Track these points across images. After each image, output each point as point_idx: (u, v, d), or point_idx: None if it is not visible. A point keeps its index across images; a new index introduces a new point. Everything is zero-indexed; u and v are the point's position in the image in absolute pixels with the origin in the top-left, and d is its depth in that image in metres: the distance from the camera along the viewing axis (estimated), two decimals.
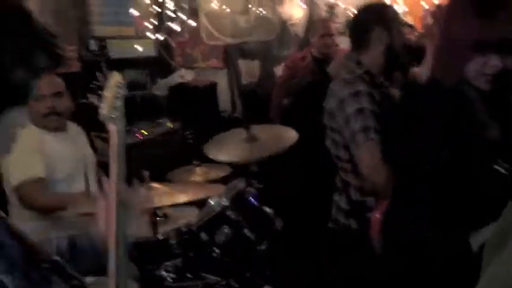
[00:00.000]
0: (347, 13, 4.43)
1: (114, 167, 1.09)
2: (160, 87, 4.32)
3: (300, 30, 4.47)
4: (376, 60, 1.92)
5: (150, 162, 2.61)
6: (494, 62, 1.24)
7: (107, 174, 2.76)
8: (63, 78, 2.36)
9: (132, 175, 1.83)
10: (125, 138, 1.13)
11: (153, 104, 4.29)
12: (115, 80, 1.16)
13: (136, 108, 4.00)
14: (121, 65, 4.17)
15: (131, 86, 4.30)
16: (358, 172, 1.85)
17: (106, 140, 3.40)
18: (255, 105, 4.51)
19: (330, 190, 2.19)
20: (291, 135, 2.37)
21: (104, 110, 1.11)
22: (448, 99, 1.31)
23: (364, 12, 2.00)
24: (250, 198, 2.10)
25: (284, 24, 4.36)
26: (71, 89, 2.48)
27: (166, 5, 3.82)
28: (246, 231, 2.00)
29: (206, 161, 2.62)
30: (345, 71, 1.95)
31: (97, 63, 3.92)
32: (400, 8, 3.96)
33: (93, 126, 3.54)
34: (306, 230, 2.69)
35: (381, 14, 1.93)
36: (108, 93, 1.13)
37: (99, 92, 1.22)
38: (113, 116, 1.11)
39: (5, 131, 0.72)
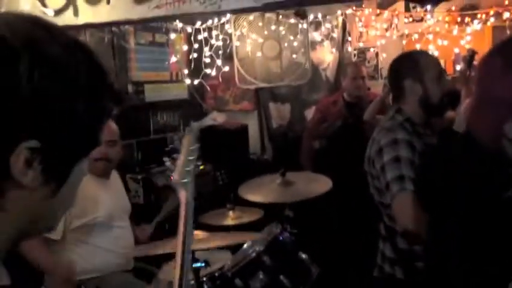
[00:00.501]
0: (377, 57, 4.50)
1: (183, 231, 1.06)
2: (193, 130, 4.39)
3: (330, 75, 4.53)
4: (414, 109, 1.90)
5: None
6: None
7: (137, 217, 2.78)
8: None
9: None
10: (193, 201, 1.08)
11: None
12: (188, 142, 1.15)
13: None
14: (155, 107, 4.31)
15: (164, 128, 4.42)
16: None
17: (139, 182, 3.46)
18: (285, 148, 4.53)
19: (367, 235, 2.15)
20: (325, 183, 2.36)
21: (176, 174, 1.08)
22: (485, 155, 1.25)
23: (397, 64, 2.00)
24: (286, 243, 2.08)
25: (315, 69, 4.43)
26: None
27: (204, 51, 3.96)
28: (281, 277, 1.97)
29: (238, 204, 2.63)
30: (387, 118, 1.95)
31: (133, 107, 4.05)
32: (430, 52, 3.99)
33: (129, 168, 3.66)
34: (342, 277, 2.63)
35: (411, 66, 1.91)
36: (181, 157, 1.11)
37: (174, 155, 1.17)
38: (185, 180, 1.08)
39: (75, 185, 0.67)
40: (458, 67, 3.99)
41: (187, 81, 4.20)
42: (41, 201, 0.62)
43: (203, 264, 1.80)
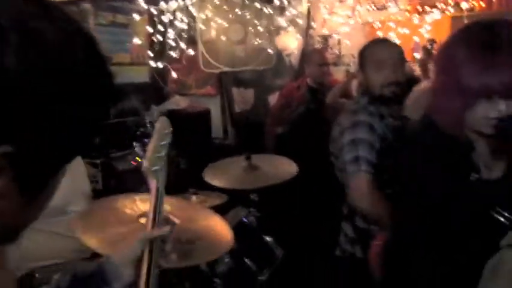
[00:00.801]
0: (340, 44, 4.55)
1: (151, 221, 1.01)
2: (155, 114, 4.32)
3: (294, 60, 4.55)
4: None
5: (145, 188, 2.57)
6: (500, 107, 1.16)
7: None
8: None
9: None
10: (164, 191, 1.02)
11: (147, 130, 4.27)
12: (162, 126, 1.05)
13: (129, 135, 3.98)
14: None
15: (125, 112, 4.31)
16: None
17: (98, 167, 3.35)
18: (248, 133, 4.53)
19: (330, 218, 2.19)
20: (291, 168, 2.37)
21: (146, 161, 0.99)
22: (446, 141, 1.26)
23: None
24: (251, 226, 2.09)
25: (280, 54, 4.43)
26: None
27: (168, 34, 3.87)
28: (247, 260, 1.97)
29: (201, 188, 2.60)
30: (354, 101, 2.00)
31: None
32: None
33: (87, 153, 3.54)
34: (306, 258, 2.66)
35: (359, 55, 1.99)
36: (152, 142, 1.02)
37: (145, 140, 1.05)
38: (156, 168, 1.00)
39: (51, 195, 0.61)
40: (417, 55, 4.10)
41: (152, 64, 4.10)
42: (12, 213, 0.53)
43: None
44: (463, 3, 3.92)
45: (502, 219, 1.15)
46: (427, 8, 4.09)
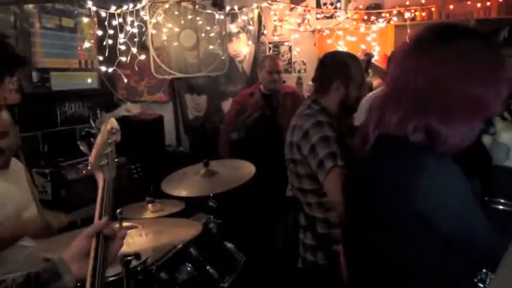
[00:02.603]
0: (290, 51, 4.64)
1: (98, 213, 1.05)
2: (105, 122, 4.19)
3: (246, 67, 4.58)
4: (332, 104, 2.02)
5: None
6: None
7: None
8: None
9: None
10: (112, 186, 1.07)
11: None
12: (110, 125, 1.12)
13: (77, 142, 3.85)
14: (63, 97, 4.04)
15: (72, 119, 4.16)
16: (322, 203, 1.89)
17: (47, 176, 3.20)
18: (202, 140, 4.50)
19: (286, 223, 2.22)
20: (249, 169, 2.39)
21: (92, 157, 1.05)
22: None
23: (329, 63, 2.08)
24: (211, 233, 2.08)
25: (232, 61, 4.44)
26: None
27: (119, 39, 3.78)
28: (208, 267, 1.96)
29: (157, 196, 2.56)
30: (303, 107, 2.04)
31: (38, 95, 3.75)
32: (340, 48, 4.21)
33: (34, 162, 3.38)
34: (267, 263, 2.68)
35: (343, 71, 2.01)
36: (99, 139, 1.08)
37: (91, 139, 1.16)
38: (102, 163, 1.06)
39: None
40: None
41: (103, 69, 3.98)
42: None
43: (133, 257, 1.72)
44: (406, 13, 4.13)
45: (500, 207, 1.11)
46: (373, 17, 4.26)
